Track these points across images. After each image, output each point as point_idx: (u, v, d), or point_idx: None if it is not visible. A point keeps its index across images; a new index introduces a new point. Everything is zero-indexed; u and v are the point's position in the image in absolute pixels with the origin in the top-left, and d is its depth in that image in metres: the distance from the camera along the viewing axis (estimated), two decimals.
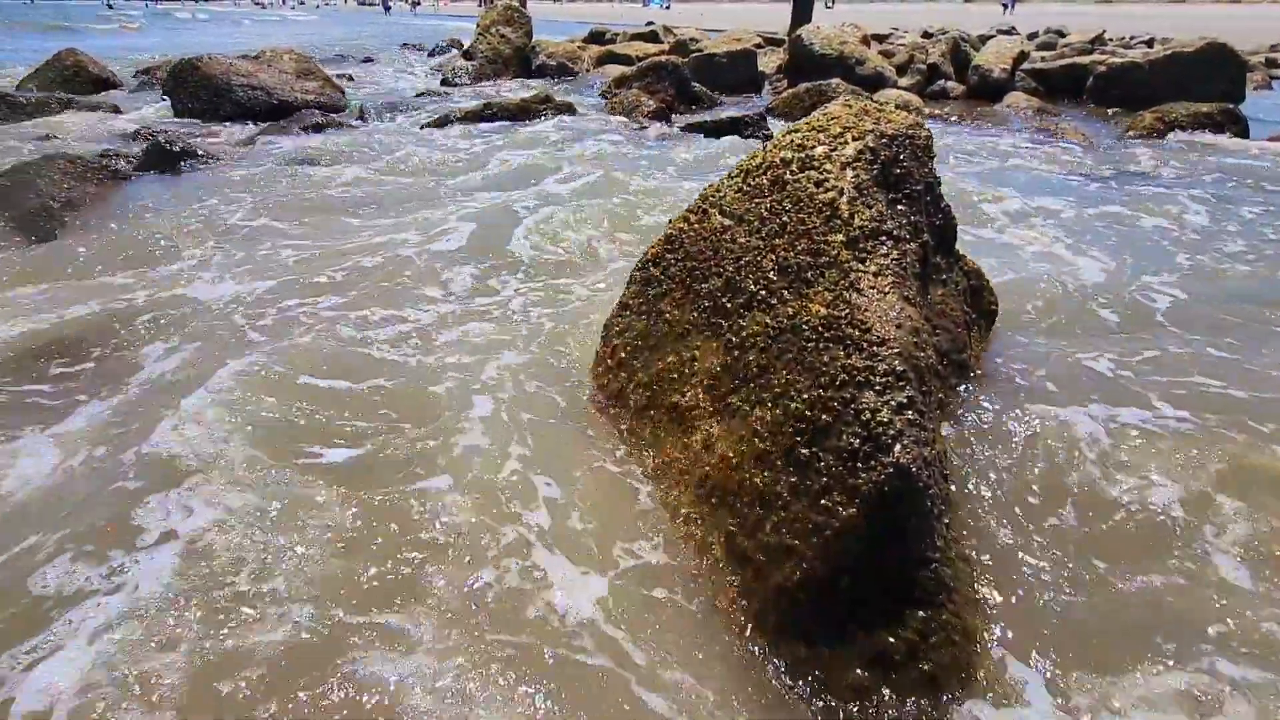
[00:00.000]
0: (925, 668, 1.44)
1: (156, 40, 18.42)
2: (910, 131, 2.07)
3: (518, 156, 5.75)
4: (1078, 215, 4.53)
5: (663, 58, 8.97)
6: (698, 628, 1.60)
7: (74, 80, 8.60)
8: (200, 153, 5.39)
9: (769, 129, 6.34)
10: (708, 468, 1.83)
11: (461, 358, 2.68)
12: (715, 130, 6.14)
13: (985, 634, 1.55)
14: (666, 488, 1.97)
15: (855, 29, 10.37)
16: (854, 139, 1.97)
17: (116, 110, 7.23)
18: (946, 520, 1.52)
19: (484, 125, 6.77)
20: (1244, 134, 7.05)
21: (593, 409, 2.34)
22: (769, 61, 11.78)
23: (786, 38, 11.99)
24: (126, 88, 9.05)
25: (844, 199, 1.85)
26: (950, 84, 9.60)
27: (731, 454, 1.77)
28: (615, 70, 9.98)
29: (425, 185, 5.03)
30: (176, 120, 6.95)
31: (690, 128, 6.08)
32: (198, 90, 6.95)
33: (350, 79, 10.52)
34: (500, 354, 2.69)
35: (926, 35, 13.81)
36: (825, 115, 2.10)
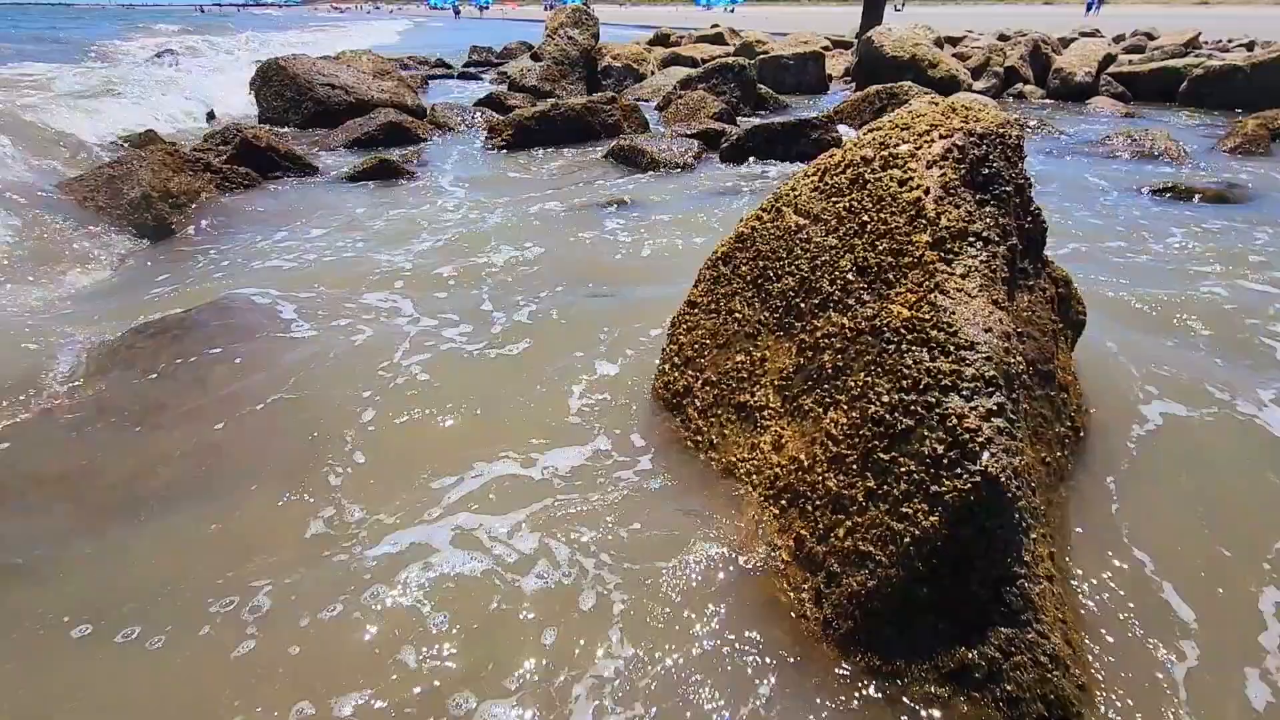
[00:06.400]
0: (1007, 688, 1.37)
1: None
2: (1000, 130, 1.98)
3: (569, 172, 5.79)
4: (1171, 227, 4.27)
5: (728, 59, 8.91)
6: (761, 633, 1.57)
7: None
8: (281, 149, 5.64)
9: (837, 132, 6.20)
10: (777, 469, 1.80)
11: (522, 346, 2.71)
12: (780, 133, 6.04)
13: (1073, 661, 1.46)
14: (731, 486, 1.94)
15: (928, 31, 10.10)
16: (941, 136, 1.90)
17: (210, 107, 7.69)
18: (1034, 535, 1.45)
19: (545, 136, 6.85)
20: None
21: (656, 405, 2.33)
22: (836, 64, 11.59)
23: (855, 40, 11.75)
24: None
25: (930, 198, 1.78)
26: (1028, 87, 9.24)
27: (803, 456, 1.73)
28: (680, 72, 9.97)
29: (476, 195, 5.14)
30: (264, 116, 7.31)
31: (754, 131, 6.02)
32: (283, 89, 7.29)
33: (424, 83, 10.86)
34: (561, 350, 2.71)
35: (1003, 38, 13.31)
36: (910, 113, 2.03)
